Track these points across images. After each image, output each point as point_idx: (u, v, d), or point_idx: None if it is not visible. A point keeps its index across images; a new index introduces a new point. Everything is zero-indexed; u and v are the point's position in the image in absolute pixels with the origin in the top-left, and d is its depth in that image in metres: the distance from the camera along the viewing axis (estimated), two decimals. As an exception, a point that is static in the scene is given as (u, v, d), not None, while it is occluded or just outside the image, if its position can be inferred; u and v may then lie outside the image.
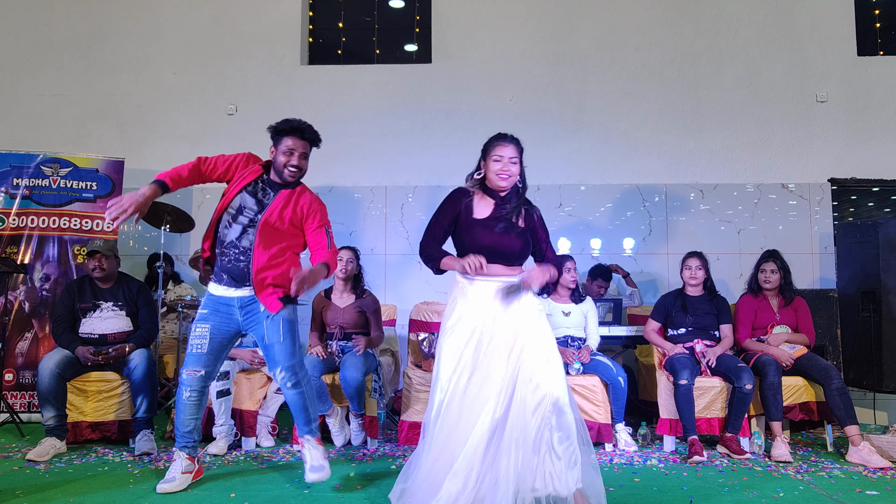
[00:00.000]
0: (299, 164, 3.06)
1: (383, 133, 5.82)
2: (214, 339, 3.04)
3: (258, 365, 3.95)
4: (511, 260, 2.75)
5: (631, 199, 5.65)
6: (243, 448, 3.89)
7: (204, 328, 3.04)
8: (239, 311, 3.05)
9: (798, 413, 3.95)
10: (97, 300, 3.97)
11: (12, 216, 4.93)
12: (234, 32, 5.96)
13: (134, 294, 4.06)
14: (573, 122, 5.73)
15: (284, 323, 3.02)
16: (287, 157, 3.03)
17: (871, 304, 4.61)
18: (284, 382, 3.04)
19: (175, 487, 3.00)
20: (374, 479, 3.24)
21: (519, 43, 5.85)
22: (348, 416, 4.03)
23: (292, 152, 3.03)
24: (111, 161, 5.16)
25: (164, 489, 2.98)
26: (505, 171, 2.76)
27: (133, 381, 3.82)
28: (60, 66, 5.97)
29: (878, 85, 5.64)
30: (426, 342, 4.30)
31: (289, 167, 3.03)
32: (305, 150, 3.08)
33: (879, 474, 3.39)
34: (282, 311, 3.01)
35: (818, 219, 5.54)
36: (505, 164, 2.77)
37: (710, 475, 3.35)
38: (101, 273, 3.98)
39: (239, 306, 3.04)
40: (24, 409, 4.68)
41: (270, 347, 3.02)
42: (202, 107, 5.90)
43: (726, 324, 4.13)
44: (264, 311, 3.00)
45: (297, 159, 3.04)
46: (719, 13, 5.77)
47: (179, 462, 3.06)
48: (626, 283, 5.28)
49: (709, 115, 5.70)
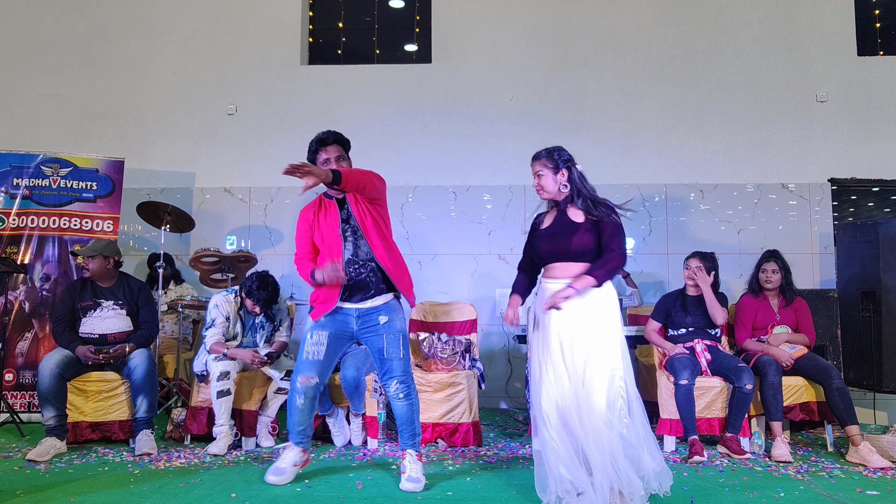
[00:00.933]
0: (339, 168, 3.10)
1: (383, 133, 5.82)
2: (330, 346, 3.12)
3: (258, 365, 3.95)
4: (573, 257, 2.88)
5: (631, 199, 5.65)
6: (243, 448, 3.88)
7: (321, 335, 3.10)
8: (356, 321, 3.13)
9: (798, 413, 3.95)
10: (97, 298, 3.98)
11: (12, 216, 4.93)
12: (234, 32, 5.96)
13: (135, 293, 4.05)
14: (573, 122, 5.73)
15: (403, 338, 3.13)
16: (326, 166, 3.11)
17: (871, 304, 4.61)
18: (397, 394, 3.12)
19: (285, 480, 3.08)
20: (374, 478, 3.24)
21: (519, 43, 5.85)
22: (348, 416, 4.03)
23: (328, 161, 3.13)
24: (111, 161, 5.16)
25: (273, 480, 3.07)
26: (536, 187, 3.02)
27: (133, 381, 3.82)
28: (60, 66, 5.97)
29: (878, 85, 5.65)
30: (426, 342, 4.30)
31: None
32: (339, 153, 3.16)
33: (879, 474, 3.39)
34: (398, 324, 3.12)
35: (818, 219, 5.55)
36: (535, 182, 3.01)
37: (710, 475, 3.35)
38: (88, 274, 3.98)
39: (356, 315, 3.12)
40: (24, 409, 4.68)
41: (389, 361, 3.10)
42: (202, 107, 5.90)
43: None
44: (384, 324, 3.09)
45: (334, 164, 3.11)
46: (719, 13, 5.77)
47: (293, 453, 3.15)
48: (626, 284, 5.28)
49: (709, 115, 5.70)
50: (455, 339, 4.34)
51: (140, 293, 4.07)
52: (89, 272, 3.98)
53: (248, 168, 5.81)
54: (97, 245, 4.03)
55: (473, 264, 5.63)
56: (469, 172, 5.72)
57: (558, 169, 2.95)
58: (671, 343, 4.11)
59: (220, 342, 3.92)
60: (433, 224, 5.70)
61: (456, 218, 5.71)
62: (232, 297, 4.04)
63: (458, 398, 3.97)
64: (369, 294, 3.11)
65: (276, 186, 5.71)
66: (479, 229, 5.67)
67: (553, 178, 2.95)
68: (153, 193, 5.69)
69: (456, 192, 5.73)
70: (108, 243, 4.09)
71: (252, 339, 4.10)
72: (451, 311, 4.65)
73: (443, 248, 5.68)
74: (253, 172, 5.82)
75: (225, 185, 5.80)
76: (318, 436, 4.13)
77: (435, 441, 3.98)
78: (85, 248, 4.03)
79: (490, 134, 5.75)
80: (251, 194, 5.78)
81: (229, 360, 3.85)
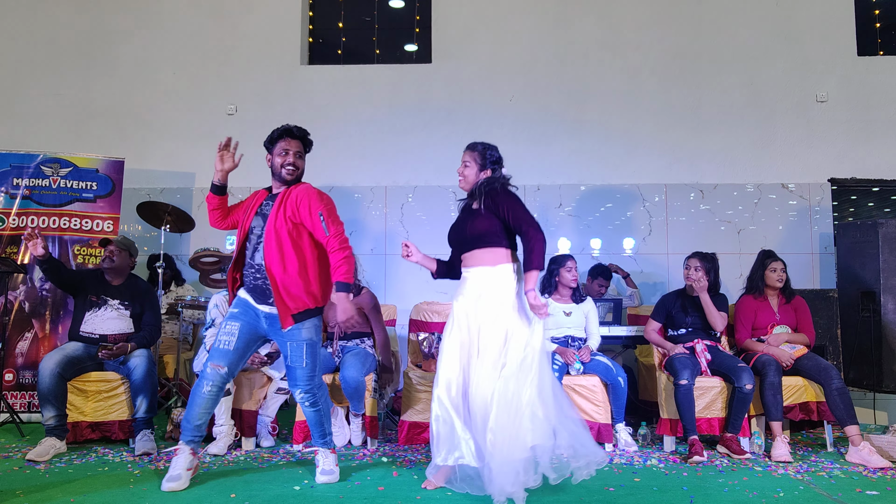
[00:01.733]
0: (294, 163, 3.16)
1: (383, 133, 5.82)
2: (242, 338, 3.09)
3: (258, 365, 3.95)
4: (474, 244, 3.04)
5: (631, 198, 5.65)
6: (243, 448, 3.88)
7: (234, 326, 3.09)
8: (265, 321, 3.13)
9: (798, 413, 3.95)
10: (105, 295, 3.98)
11: (12, 216, 4.93)
12: (234, 32, 5.96)
13: (142, 295, 4.06)
14: (573, 122, 5.73)
15: (307, 347, 3.10)
16: (283, 157, 3.16)
17: (871, 304, 4.61)
18: (304, 402, 3.16)
19: (181, 486, 3.00)
20: (373, 478, 3.24)
21: (519, 42, 5.85)
22: (348, 416, 4.03)
23: (287, 152, 3.15)
24: (111, 161, 5.16)
25: (170, 487, 2.97)
26: (460, 175, 3.20)
27: (133, 381, 3.82)
28: (60, 66, 5.97)
29: (878, 85, 5.65)
30: (426, 342, 4.30)
31: (286, 167, 3.15)
32: (299, 148, 3.19)
33: (879, 474, 3.39)
34: (304, 333, 3.07)
35: (818, 219, 5.55)
36: (460, 169, 3.18)
37: (710, 475, 3.35)
38: (111, 264, 4.00)
39: (264, 316, 3.12)
40: (24, 409, 4.68)
41: (293, 369, 3.11)
42: (202, 107, 5.90)
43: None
44: (287, 331, 3.06)
45: (292, 157, 3.15)
46: (719, 13, 5.77)
47: (184, 457, 3.04)
48: (626, 284, 5.28)
49: (709, 114, 5.70)
50: (455, 339, 4.33)
51: (147, 296, 4.09)
52: (113, 263, 4.01)
53: (248, 168, 5.74)
54: (126, 241, 4.13)
55: (473, 264, 5.62)
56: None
57: (484, 168, 3.11)
58: (671, 343, 4.11)
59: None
60: (433, 224, 5.69)
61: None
62: (232, 297, 4.04)
63: (458, 398, 3.96)
64: (270, 300, 3.08)
65: (276, 186, 5.71)
66: (479, 229, 5.66)
67: (476, 172, 3.12)
68: (153, 193, 5.70)
69: (456, 192, 5.72)
70: (133, 242, 4.19)
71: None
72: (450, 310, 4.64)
73: (443, 248, 5.64)
74: (253, 172, 5.77)
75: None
76: (317, 436, 4.14)
77: (435, 441, 3.99)
78: (118, 240, 4.11)
79: (490, 134, 5.65)
80: (251, 194, 5.78)
81: (229, 360, 3.85)
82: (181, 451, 3.06)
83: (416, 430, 3.98)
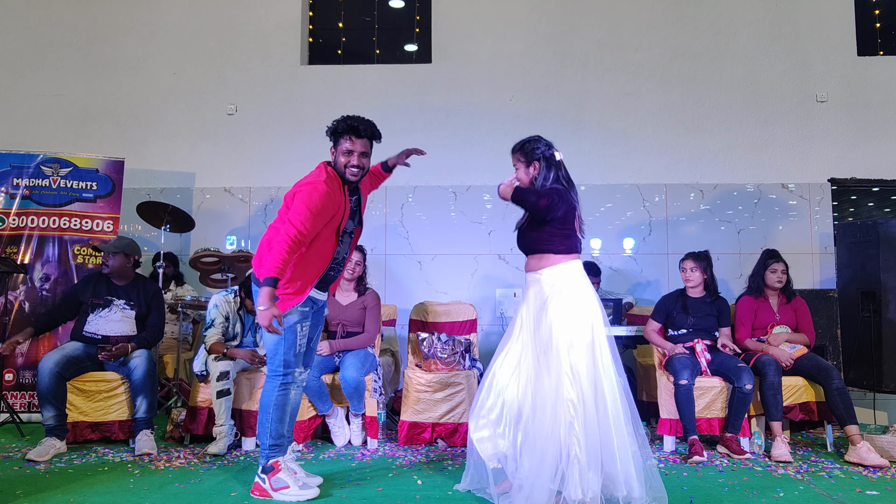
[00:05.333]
0: (360, 164, 2.98)
1: (383, 133, 5.74)
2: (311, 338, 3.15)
3: (258, 365, 3.95)
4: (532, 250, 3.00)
5: (631, 199, 5.65)
6: (243, 448, 3.89)
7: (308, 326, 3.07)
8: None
9: (798, 413, 3.95)
10: (110, 296, 3.98)
11: (12, 216, 4.93)
12: (234, 32, 5.96)
13: (148, 296, 4.05)
14: (573, 122, 5.73)
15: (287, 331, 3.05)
16: (347, 157, 2.96)
17: (871, 304, 4.61)
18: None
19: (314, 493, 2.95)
20: (374, 478, 3.24)
21: (519, 43, 5.85)
22: (348, 416, 4.03)
23: (351, 153, 2.96)
24: (111, 161, 5.16)
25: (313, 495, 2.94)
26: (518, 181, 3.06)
27: (133, 381, 3.82)
28: (60, 66, 5.97)
29: (878, 85, 5.64)
30: (426, 342, 4.30)
31: (350, 168, 2.96)
32: (365, 148, 3.00)
33: (879, 474, 3.39)
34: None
35: (818, 219, 5.55)
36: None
37: (710, 475, 3.35)
38: (107, 269, 3.98)
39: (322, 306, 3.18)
40: (24, 409, 4.68)
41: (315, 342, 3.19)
42: (202, 107, 5.90)
43: (725, 327, 4.14)
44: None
45: (356, 159, 2.97)
46: (719, 13, 5.77)
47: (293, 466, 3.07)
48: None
49: (709, 115, 5.70)
50: (455, 339, 4.34)
51: (154, 297, 4.07)
52: (109, 268, 3.97)
53: (248, 168, 5.81)
54: (120, 242, 4.03)
55: (473, 264, 5.63)
56: (469, 172, 5.72)
57: (530, 163, 2.96)
58: (671, 343, 4.11)
59: (220, 342, 3.93)
60: (433, 224, 5.70)
61: (456, 218, 5.71)
62: (231, 297, 4.05)
63: (458, 398, 3.97)
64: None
65: (276, 186, 5.71)
66: (479, 229, 5.67)
67: (526, 171, 2.99)
68: (153, 193, 5.69)
69: (456, 192, 5.73)
70: (129, 241, 4.08)
71: (252, 338, 4.11)
72: (450, 311, 4.65)
73: (443, 248, 5.68)
74: (253, 172, 5.82)
75: (225, 185, 5.80)
76: (318, 436, 4.14)
77: (435, 441, 3.99)
78: (108, 245, 4.03)
79: (490, 134, 5.75)
80: (251, 194, 5.78)
81: (229, 360, 3.86)
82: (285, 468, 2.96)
83: (415, 430, 3.98)
